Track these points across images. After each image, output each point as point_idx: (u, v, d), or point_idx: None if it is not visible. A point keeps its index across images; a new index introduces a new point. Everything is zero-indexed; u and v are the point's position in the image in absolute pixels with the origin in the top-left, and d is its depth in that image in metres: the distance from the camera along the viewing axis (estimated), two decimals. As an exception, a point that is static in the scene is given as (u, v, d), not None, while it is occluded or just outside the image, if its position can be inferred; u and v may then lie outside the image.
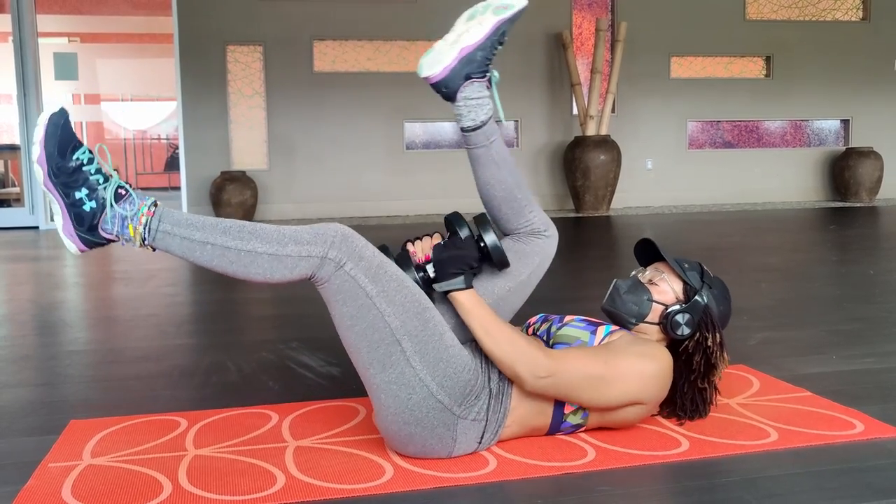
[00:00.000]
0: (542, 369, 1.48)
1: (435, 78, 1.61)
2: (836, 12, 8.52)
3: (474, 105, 1.63)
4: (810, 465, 1.47)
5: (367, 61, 7.60)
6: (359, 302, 1.44)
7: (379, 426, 1.53)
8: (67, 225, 1.47)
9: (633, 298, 1.69)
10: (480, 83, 1.63)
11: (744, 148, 8.48)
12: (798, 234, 5.45)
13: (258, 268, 1.45)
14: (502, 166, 1.68)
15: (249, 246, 1.45)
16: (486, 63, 1.62)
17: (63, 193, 1.45)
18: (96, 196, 1.46)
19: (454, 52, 1.59)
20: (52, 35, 8.33)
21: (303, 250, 1.44)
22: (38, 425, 1.77)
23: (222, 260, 1.45)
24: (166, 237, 1.45)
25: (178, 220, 1.46)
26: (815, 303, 3.03)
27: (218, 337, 2.63)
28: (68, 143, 1.45)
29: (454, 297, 1.54)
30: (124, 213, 1.45)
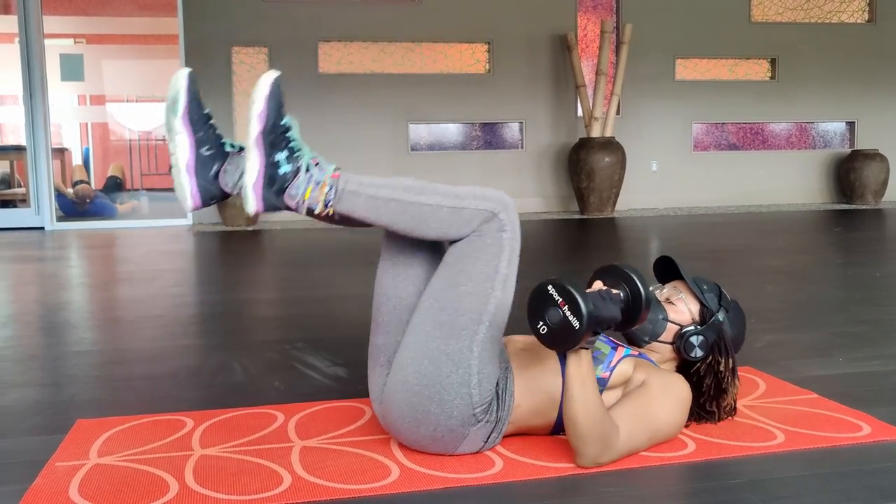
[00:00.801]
0: (607, 457, 1.47)
1: (198, 204, 1.54)
2: (842, 14, 8.51)
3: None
4: (817, 468, 1.47)
5: (371, 63, 7.61)
6: (487, 269, 1.49)
7: (394, 402, 1.51)
8: (258, 183, 1.48)
9: (649, 317, 1.69)
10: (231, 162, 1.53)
11: (749, 150, 8.47)
12: (803, 237, 5.44)
13: (437, 221, 1.49)
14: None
15: (432, 199, 1.50)
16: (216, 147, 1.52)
17: (267, 152, 1.48)
18: (293, 161, 1.49)
19: (184, 176, 1.52)
20: (58, 36, 8.35)
21: (480, 204, 1.49)
22: (45, 425, 1.77)
23: (404, 215, 1.49)
24: (352, 197, 1.49)
25: (362, 180, 1.51)
26: (820, 305, 3.03)
27: (224, 337, 2.63)
28: (282, 107, 1.49)
29: (579, 353, 1.45)
30: (314, 178, 1.49)
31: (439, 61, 7.75)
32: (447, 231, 1.50)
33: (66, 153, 9.14)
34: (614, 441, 1.47)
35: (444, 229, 1.50)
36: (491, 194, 1.51)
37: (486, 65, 7.82)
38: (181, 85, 1.50)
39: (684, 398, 1.59)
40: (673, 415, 1.56)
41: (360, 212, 1.50)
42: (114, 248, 5.51)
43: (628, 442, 1.50)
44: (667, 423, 1.55)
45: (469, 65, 7.80)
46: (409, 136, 7.71)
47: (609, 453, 1.47)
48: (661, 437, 1.56)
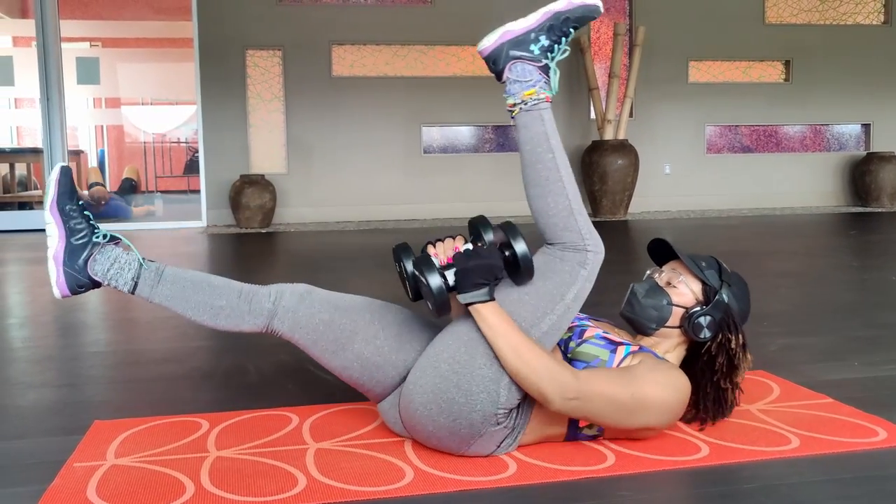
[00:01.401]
0: (570, 391, 1.45)
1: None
2: (857, 16, 8.46)
3: (115, 274, 1.65)
4: (832, 473, 1.46)
5: (385, 66, 7.63)
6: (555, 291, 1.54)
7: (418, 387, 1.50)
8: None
9: (652, 303, 1.68)
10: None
11: (763, 152, 8.43)
12: (818, 240, 5.41)
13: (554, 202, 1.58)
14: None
15: (569, 189, 1.59)
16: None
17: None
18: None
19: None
20: (74, 40, 8.42)
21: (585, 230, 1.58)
22: (62, 425, 1.79)
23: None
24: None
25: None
26: (835, 309, 3.01)
27: (237, 339, 2.65)
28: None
29: (477, 309, 1.48)
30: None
31: (452, 64, 7.76)
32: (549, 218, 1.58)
33: (81, 155, 9.21)
34: (569, 374, 1.46)
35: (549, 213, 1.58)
36: (596, 235, 1.59)
37: (499, 67, 7.82)
38: (52, 178, 1.65)
39: (676, 380, 1.56)
40: (658, 387, 1.52)
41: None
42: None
43: (592, 380, 1.48)
44: (651, 393, 1.52)
45: (482, 67, 7.80)
46: (422, 139, 7.72)
47: (570, 389, 1.45)
48: (645, 407, 1.51)
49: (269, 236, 6.32)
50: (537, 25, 1.64)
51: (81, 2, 8.64)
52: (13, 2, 8.20)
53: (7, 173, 8.17)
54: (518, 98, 1.62)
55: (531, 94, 1.61)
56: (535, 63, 1.64)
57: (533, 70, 1.63)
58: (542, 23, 1.64)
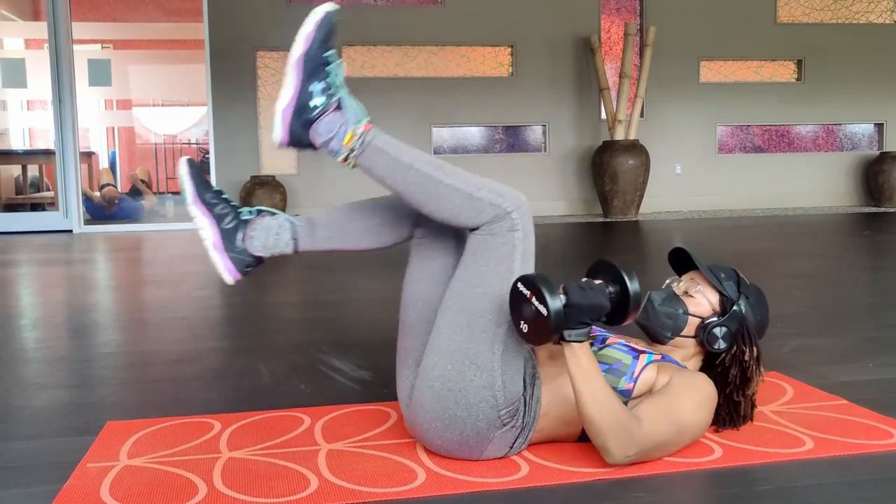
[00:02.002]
0: (633, 448, 1.44)
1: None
2: (870, 14, 8.41)
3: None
4: (847, 475, 1.45)
5: (395, 66, 7.64)
6: (500, 269, 1.48)
7: (420, 406, 1.51)
8: (289, 108, 1.49)
9: (667, 311, 1.67)
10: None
11: (774, 152, 8.39)
12: (831, 240, 5.38)
13: (450, 203, 1.49)
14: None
15: (450, 180, 1.50)
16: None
17: (304, 77, 1.48)
18: (328, 95, 1.49)
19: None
20: (86, 42, 8.46)
21: (494, 198, 1.49)
22: (75, 426, 1.80)
23: (420, 187, 1.50)
24: (376, 153, 1.50)
25: (391, 141, 1.52)
26: (849, 310, 2.99)
27: (249, 340, 2.65)
28: (329, 40, 1.50)
29: (572, 348, 1.43)
30: (348, 118, 1.50)
31: (462, 65, 7.76)
32: (457, 216, 1.50)
33: (93, 157, 9.25)
34: (636, 432, 1.45)
35: (454, 213, 1.50)
36: (508, 192, 1.51)
37: (510, 68, 7.82)
38: (183, 174, 1.60)
39: (709, 395, 1.57)
40: (697, 411, 1.54)
41: (380, 170, 1.51)
42: (140, 250, 5.57)
43: (652, 434, 1.47)
44: (692, 420, 1.53)
45: (492, 68, 7.81)
46: (433, 140, 7.72)
47: (634, 445, 1.45)
48: (687, 433, 1.53)
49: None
50: (299, 84, 1.49)
51: (93, 4, 8.69)
52: (25, 4, 8.25)
53: (19, 175, 8.22)
54: (344, 151, 1.50)
55: (350, 139, 1.49)
56: (328, 112, 1.50)
57: (331, 118, 1.50)
58: (301, 76, 1.50)
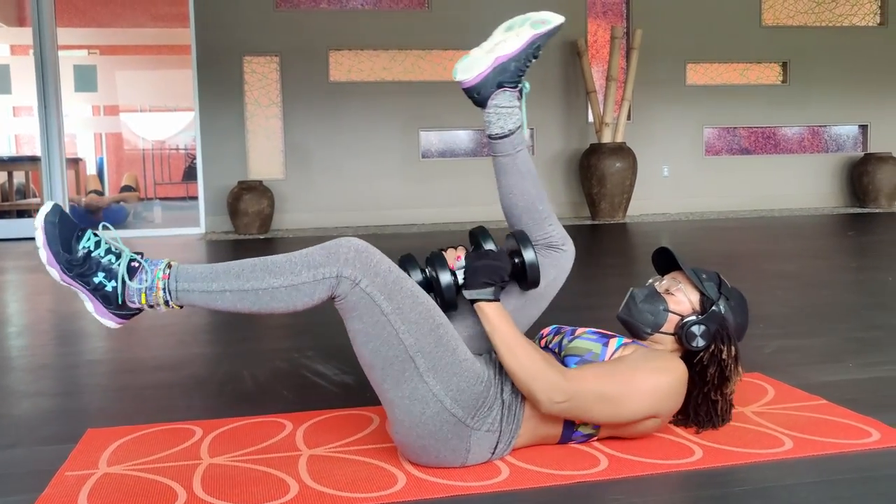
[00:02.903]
0: (559, 393, 1.47)
1: (468, 83, 1.66)
2: (853, 17, 8.47)
3: (504, 113, 1.66)
4: (825, 475, 1.46)
5: (382, 70, 7.64)
6: (374, 318, 1.45)
7: (393, 437, 1.54)
8: (99, 307, 1.50)
9: (648, 308, 1.69)
10: (512, 93, 1.66)
11: (761, 154, 8.44)
12: (816, 241, 5.41)
13: (279, 302, 1.46)
14: (526, 177, 1.72)
15: (265, 283, 1.45)
16: (518, 74, 1.66)
17: (83, 283, 1.48)
18: (115, 275, 1.49)
19: (489, 60, 1.63)
20: (72, 48, 8.43)
21: (317, 273, 1.44)
22: (56, 434, 1.79)
23: (243, 303, 1.47)
24: (186, 294, 1.48)
25: (193, 275, 1.48)
26: (832, 310, 3.01)
27: (233, 346, 2.65)
28: (70, 236, 1.47)
29: (480, 307, 1.54)
30: (140, 287, 1.48)
31: (449, 68, 7.76)
32: (294, 305, 1.46)
33: (80, 163, 9.21)
34: (558, 377, 1.47)
35: (290, 305, 1.46)
36: (326, 256, 1.44)
37: (497, 71, 7.83)
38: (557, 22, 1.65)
39: (671, 367, 1.56)
40: (654, 374, 1.53)
41: (202, 306, 1.50)
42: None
43: (582, 382, 1.48)
44: (647, 382, 1.52)
45: (479, 72, 7.82)
46: (420, 144, 7.73)
47: (559, 391, 1.46)
48: (641, 395, 1.51)
49: (268, 242, 6.32)
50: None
51: (78, 9, 8.66)
52: (10, 10, 8.22)
53: (5, 181, 8.18)
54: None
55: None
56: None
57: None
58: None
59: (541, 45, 1.66)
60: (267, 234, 7.04)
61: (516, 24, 1.67)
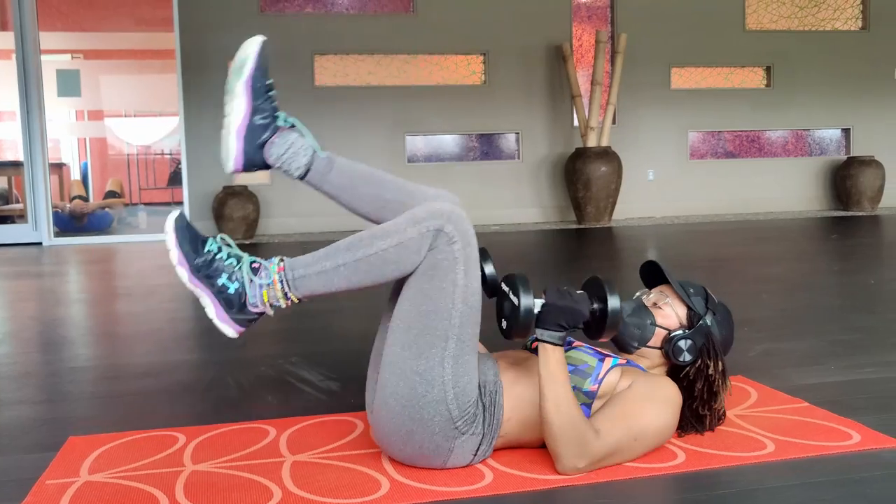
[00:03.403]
0: (584, 460, 1.47)
1: (238, 169, 1.60)
2: (836, 22, 8.54)
3: (288, 158, 1.59)
4: (807, 477, 1.47)
5: (367, 75, 7.64)
6: (444, 284, 1.47)
7: (379, 422, 1.53)
8: (220, 312, 1.54)
9: (636, 322, 1.69)
10: (281, 136, 1.59)
11: (745, 158, 8.49)
12: (800, 244, 5.45)
13: (391, 264, 1.48)
14: (358, 184, 1.63)
15: (374, 248, 1.49)
16: (268, 122, 1.58)
17: (209, 285, 1.53)
18: (237, 278, 1.53)
19: (233, 141, 1.58)
20: (54, 52, 8.38)
21: (422, 227, 1.47)
22: (38, 442, 1.77)
23: (357, 274, 1.49)
24: (304, 280, 1.51)
25: (305, 261, 1.53)
26: (815, 313, 3.03)
27: (218, 352, 2.64)
28: (197, 240, 1.54)
29: (545, 349, 1.49)
30: (262, 282, 1.52)
31: (435, 73, 7.78)
32: (405, 267, 1.48)
33: (63, 168, 9.15)
34: (591, 443, 1.46)
35: (401, 268, 1.48)
36: (430, 212, 1.47)
37: (482, 76, 7.85)
38: (251, 51, 1.57)
39: (672, 399, 1.58)
40: (660, 416, 1.55)
41: (320, 290, 1.52)
42: (111, 263, 5.52)
43: (608, 443, 1.48)
44: (654, 425, 1.54)
45: (465, 76, 7.83)
46: (406, 148, 7.73)
47: (587, 456, 1.46)
48: (649, 439, 1.54)
49: (253, 248, 6.30)
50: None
51: (61, 13, 8.61)
52: (-7, 15, 8.15)
53: (-12, 187, 8.11)
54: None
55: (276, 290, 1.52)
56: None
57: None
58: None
59: (260, 77, 1.57)
60: (252, 239, 7.01)
61: (229, 86, 1.60)
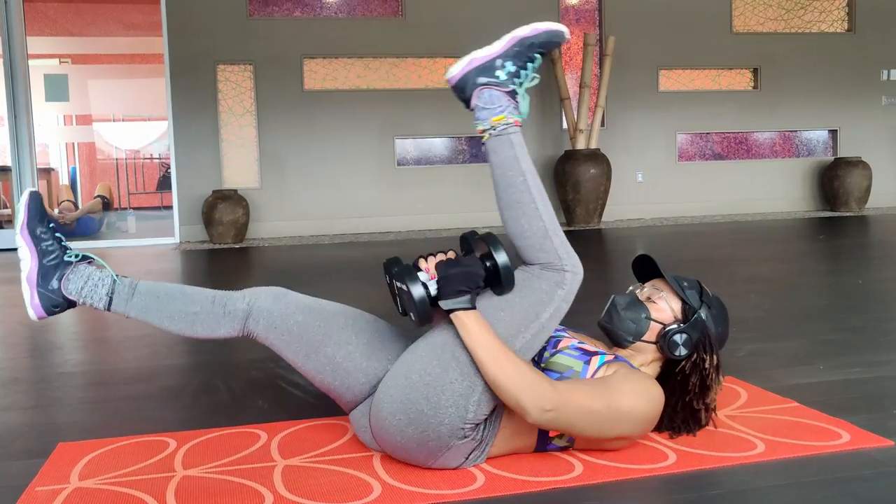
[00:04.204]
0: (547, 402, 1.44)
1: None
2: (822, 24, 8.60)
3: (88, 292, 1.67)
4: (796, 477, 1.48)
5: (357, 79, 7.64)
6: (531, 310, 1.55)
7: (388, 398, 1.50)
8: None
9: (630, 316, 1.69)
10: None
11: (733, 159, 8.53)
12: (788, 245, 5.48)
13: (529, 224, 1.58)
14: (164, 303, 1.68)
15: (542, 208, 1.60)
16: (58, 258, 1.67)
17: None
18: (513, 78, 1.63)
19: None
20: (42, 57, 8.35)
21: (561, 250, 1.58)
22: (27, 449, 1.76)
23: (517, 194, 1.59)
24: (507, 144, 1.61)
25: (523, 145, 1.63)
26: (804, 313, 3.05)
27: (208, 356, 2.63)
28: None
29: (458, 317, 1.49)
30: (512, 106, 1.62)
31: (424, 76, 7.78)
32: (526, 238, 1.58)
33: (52, 173, 9.11)
34: (546, 386, 1.45)
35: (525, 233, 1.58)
36: (574, 255, 1.59)
37: (471, 79, 7.85)
38: (22, 202, 1.67)
39: (649, 388, 1.56)
40: (633, 396, 1.52)
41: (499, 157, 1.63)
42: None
43: (570, 395, 1.47)
44: (626, 403, 1.51)
45: (454, 79, 7.83)
46: (396, 151, 7.73)
47: (547, 399, 1.44)
48: (621, 416, 1.51)
49: (243, 251, 6.29)
50: (502, 51, 1.65)
51: (49, 18, 8.58)
52: (-20, 19, 8.11)
53: (-24, 192, 8.06)
54: (487, 124, 1.64)
55: (500, 120, 1.62)
56: (502, 89, 1.65)
57: (500, 96, 1.65)
58: (508, 49, 1.65)
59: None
60: (242, 243, 7.00)
61: None
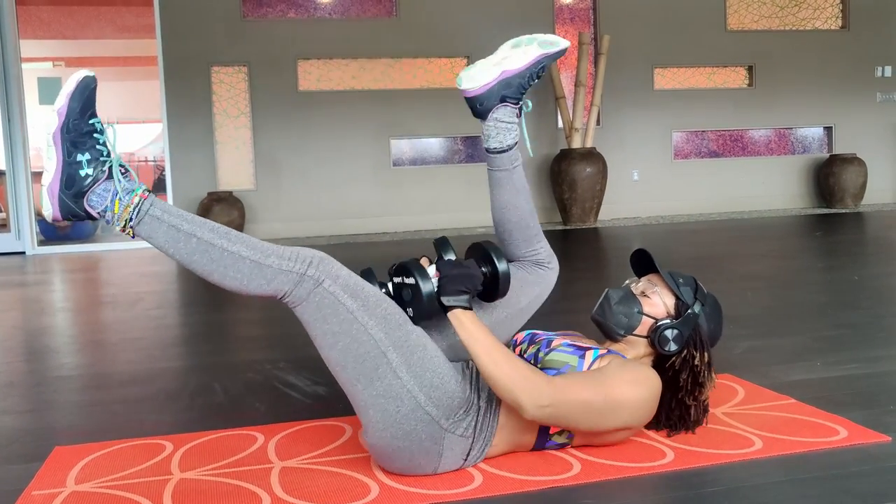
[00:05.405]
0: (544, 398, 1.45)
1: (472, 92, 1.66)
2: (816, 21, 8.61)
3: (503, 128, 1.68)
4: (794, 473, 1.48)
5: (351, 79, 7.63)
6: (341, 317, 1.45)
7: (366, 442, 1.53)
8: (55, 184, 1.46)
9: (623, 310, 1.69)
10: (513, 109, 1.68)
11: (729, 157, 8.54)
12: (784, 242, 5.49)
13: (237, 272, 1.45)
14: (521, 193, 1.74)
15: (234, 248, 1.45)
16: (521, 91, 1.67)
17: (66, 150, 1.45)
18: (96, 165, 1.46)
19: (496, 73, 1.64)
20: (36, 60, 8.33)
21: (284, 264, 1.45)
22: (23, 453, 1.76)
23: (204, 256, 1.45)
24: (154, 222, 1.45)
25: (169, 208, 1.48)
26: (800, 310, 3.05)
27: (205, 358, 2.62)
28: (89, 108, 1.47)
29: (456, 315, 1.51)
30: (119, 190, 1.45)
31: (419, 76, 7.78)
32: (246, 284, 1.45)
33: (46, 177, 9.07)
34: (543, 382, 1.46)
35: (243, 281, 1.45)
36: (295, 254, 1.46)
37: (466, 79, 7.85)
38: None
39: (646, 377, 1.56)
40: (630, 385, 1.52)
41: (159, 240, 1.46)
42: (95, 271, 5.48)
43: (566, 388, 1.47)
44: (624, 393, 1.51)
45: (449, 79, 7.84)
46: (391, 152, 7.72)
47: (544, 395, 1.45)
48: (619, 406, 1.51)
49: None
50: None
51: (42, 21, 8.56)
52: (-27, 23, 8.09)
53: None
54: (119, 223, 1.46)
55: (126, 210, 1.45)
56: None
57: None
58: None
59: (545, 67, 1.68)
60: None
61: (523, 43, 1.69)
